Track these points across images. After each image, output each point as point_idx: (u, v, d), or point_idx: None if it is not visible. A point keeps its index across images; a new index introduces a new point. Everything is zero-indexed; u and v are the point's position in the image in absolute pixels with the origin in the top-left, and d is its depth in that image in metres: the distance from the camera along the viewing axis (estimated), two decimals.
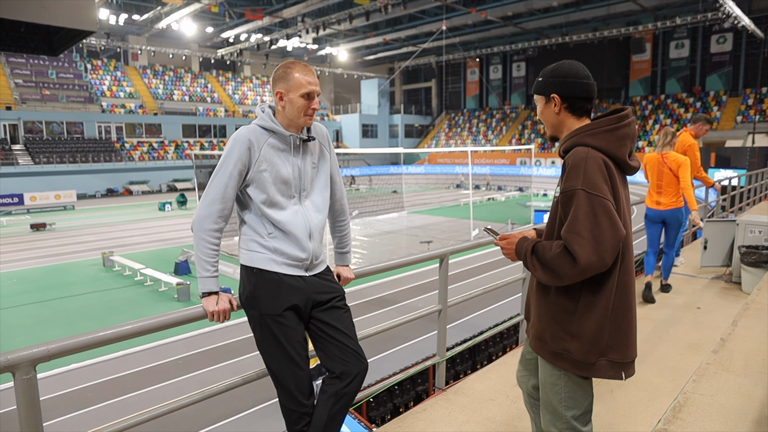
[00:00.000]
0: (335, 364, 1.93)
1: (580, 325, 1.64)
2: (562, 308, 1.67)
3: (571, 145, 1.67)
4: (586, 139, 1.64)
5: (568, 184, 1.58)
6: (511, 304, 10.03)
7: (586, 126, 1.67)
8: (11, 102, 32.68)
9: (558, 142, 1.78)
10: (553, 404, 1.74)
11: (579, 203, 1.55)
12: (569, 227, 1.55)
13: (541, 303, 1.75)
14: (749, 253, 4.85)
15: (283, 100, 1.89)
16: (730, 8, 25.47)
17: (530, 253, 1.68)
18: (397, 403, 6.82)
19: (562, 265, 1.56)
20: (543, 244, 1.65)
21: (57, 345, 1.56)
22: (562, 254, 1.56)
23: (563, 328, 1.67)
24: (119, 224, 21.97)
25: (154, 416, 1.83)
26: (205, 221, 1.85)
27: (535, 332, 1.79)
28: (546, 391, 1.77)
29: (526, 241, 1.72)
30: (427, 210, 25.71)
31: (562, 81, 1.68)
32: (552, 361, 1.71)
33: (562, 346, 1.67)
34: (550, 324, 1.71)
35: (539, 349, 1.76)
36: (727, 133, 32.21)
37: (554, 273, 1.60)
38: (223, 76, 47.00)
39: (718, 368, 2.23)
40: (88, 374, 7.63)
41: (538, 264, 1.64)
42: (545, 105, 1.74)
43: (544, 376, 1.77)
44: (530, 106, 46.07)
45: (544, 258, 1.62)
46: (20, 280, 13.16)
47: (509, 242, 1.79)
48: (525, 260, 1.71)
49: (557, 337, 1.69)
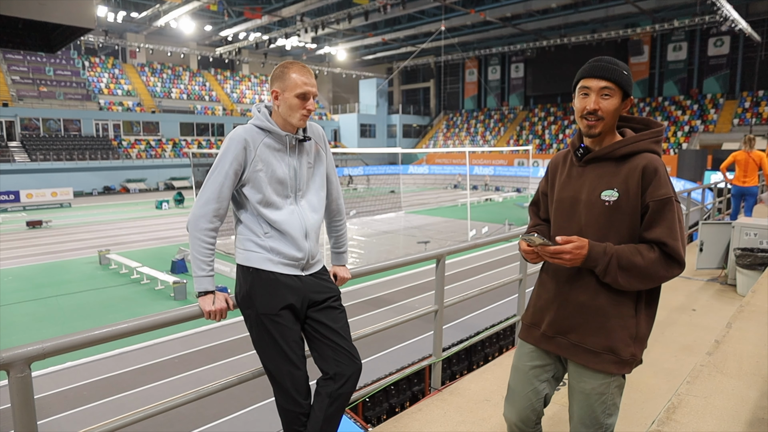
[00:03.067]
0: (329, 365, 1.93)
1: (641, 327, 1.67)
2: (628, 314, 1.65)
3: (637, 150, 1.63)
4: (653, 146, 1.64)
5: (662, 192, 1.57)
6: (508, 304, 10.04)
7: (649, 133, 1.65)
8: (8, 99, 32.54)
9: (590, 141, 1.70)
10: (596, 415, 1.69)
11: (673, 211, 1.58)
12: (671, 234, 1.56)
13: (609, 315, 1.65)
14: (744, 255, 4.88)
15: (278, 99, 1.89)
16: (727, 11, 25.56)
17: (616, 258, 1.58)
18: (393, 403, 6.82)
19: (661, 270, 1.57)
20: (624, 249, 1.59)
21: (52, 343, 1.55)
22: (663, 259, 1.57)
23: (629, 333, 1.65)
24: (116, 222, 21.91)
25: (150, 415, 1.83)
26: (200, 220, 1.85)
27: (592, 346, 1.67)
28: (590, 404, 1.69)
29: (601, 246, 1.60)
30: (424, 210, 25.72)
31: (633, 84, 1.67)
32: (617, 370, 1.64)
33: (629, 352, 1.64)
34: (618, 332, 1.64)
35: (597, 362, 1.66)
36: (723, 136, 32.31)
37: (649, 278, 1.58)
38: (221, 75, 46.92)
39: (713, 370, 2.24)
40: (84, 372, 7.61)
41: (622, 270, 1.58)
42: (621, 102, 1.63)
43: (592, 388, 1.68)
44: (528, 107, 46.14)
45: (635, 263, 1.56)
46: (16, 277, 13.11)
47: (578, 246, 1.59)
48: (606, 266, 1.59)
49: (625, 343, 1.64)
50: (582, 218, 1.68)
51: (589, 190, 1.67)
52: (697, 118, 34.95)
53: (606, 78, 1.60)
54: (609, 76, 1.60)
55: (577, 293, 1.69)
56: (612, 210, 1.62)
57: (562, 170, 1.79)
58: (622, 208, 1.61)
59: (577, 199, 1.70)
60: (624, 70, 1.62)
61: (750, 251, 4.90)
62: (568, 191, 1.74)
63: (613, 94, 1.61)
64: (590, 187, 1.67)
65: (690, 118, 35.36)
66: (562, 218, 1.75)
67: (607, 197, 1.62)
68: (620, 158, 1.64)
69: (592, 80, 1.61)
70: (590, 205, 1.66)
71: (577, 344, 1.69)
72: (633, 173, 1.60)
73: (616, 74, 1.60)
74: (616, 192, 1.61)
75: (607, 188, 1.63)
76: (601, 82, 1.60)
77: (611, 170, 1.64)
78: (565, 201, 1.74)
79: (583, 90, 1.64)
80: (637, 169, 1.60)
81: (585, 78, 1.64)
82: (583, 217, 1.68)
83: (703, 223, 5.88)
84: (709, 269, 5.83)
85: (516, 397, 1.82)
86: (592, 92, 1.61)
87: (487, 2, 31.31)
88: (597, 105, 1.60)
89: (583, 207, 1.68)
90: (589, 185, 1.68)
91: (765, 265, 4.68)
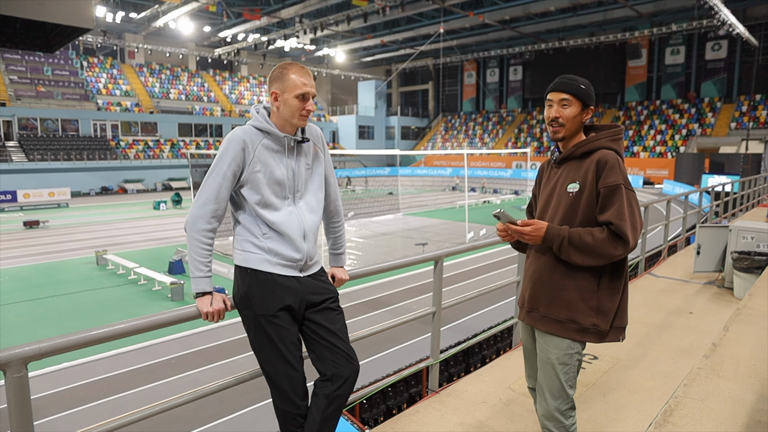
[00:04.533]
0: (326, 366, 1.93)
1: (603, 300, 1.90)
2: (588, 288, 1.89)
3: (594, 148, 1.92)
4: (610, 143, 1.92)
5: (611, 180, 1.83)
6: (505, 307, 10.05)
7: (606, 133, 1.94)
8: (6, 98, 32.46)
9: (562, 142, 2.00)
10: (561, 384, 1.93)
11: (621, 196, 1.81)
12: (618, 215, 1.79)
13: (565, 287, 1.92)
14: (742, 258, 4.89)
15: (277, 100, 1.89)
16: (725, 16, 25.66)
17: (567, 238, 1.85)
18: (390, 404, 6.80)
19: (609, 248, 1.80)
20: (578, 230, 1.85)
21: (49, 343, 1.55)
22: (610, 238, 1.80)
23: (589, 305, 1.89)
24: (113, 222, 21.86)
25: (147, 416, 1.83)
26: (198, 221, 1.85)
27: (556, 315, 1.93)
28: (556, 372, 1.93)
29: (557, 228, 1.89)
30: (422, 212, 25.73)
31: (593, 96, 1.96)
32: (579, 338, 1.91)
33: (590, 321, 1.89)
34: (578, 304, 1.90)
35: (561, 330, 1.92)
36: (720, 140, 32.43)
37: (598, 255, 1.81)
38: (219, 76, 46.89)
39: (710, 373, 2.24)
40: (80, 373, 7.58)
41: (574, 249, 1.84)
42: (580, 111, 1.95)
43: (558, 357, 1.93)
44: (526, 109, 46.22)
45: (585, 242, 1.82)
46: (12, 277, 13.07)
47: (536, 228, 1.91)
48: (560, 245, 1.87)
49: (585, 314, 1.89)
50: (554, 208, 1.99)
51: (560, 185, 1.98)
52: (695, 122, 35.05)
53: (564, 91, 1.93)
54: (567, 89, 1.93)
55: (542, 271, 1.99)
56: (575, 199, 1.91)
57: (546, 173, 2.13)
58: (582, 197, 1.89)
59: (551, 194, 2.02)
60: (582, 85, 1.94)
61: (747, 254, 4.91)
62: (547, 189, 2.07)
63: (570, 104, 1.93)
64: (561, 183, 1.98)
65: (687, 121, 35.46)
66: (541, 211, 2.07)
67: (572, 189, 1.92)
68: (582, 156, 1.94)
69: (554, 93, 1.95)
70: (560, 197, 1.96)
71: (545, 315, 1.97)
72: (590, 167, 1.89)
73: (573, 88, 1.93)
74: (577, 184, 1.91)
75: (572, 182, 1.93)
76: (561, 94, 1.94)
77: (576, 167, 1.94)
78: (544, 197, 2.08)
79: (548, 102, 1.98)
80: (593, 163, 1.88)
81: (549, 92, 1.98)
82: (555, 206, 1.98)
83: (701, 226, 5.90)
84: (707, 272, 5.84)
85: (528, 370, 2.20)
86: (554, 103, 1.95)
87: (486, 5, 31.39)
88: (558, 113, 1.94)
89: (555, 199, 1.99)
90: (561, 181, 1.99)
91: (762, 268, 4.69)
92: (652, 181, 32.77)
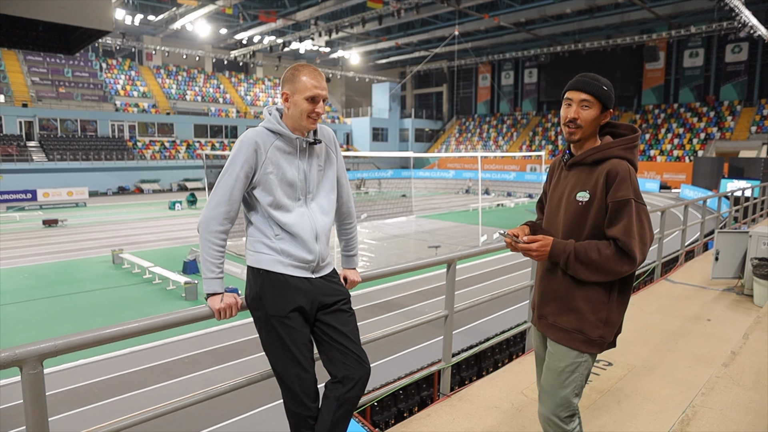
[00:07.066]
0: (337, 368, 1.92)
1: (612, 313, 1.87)
2: (599, 299, 1.85)
3: (606, 156, 1.83)
4: (623, 152, 1.83)
5: (621, 194, 1.76)
6: (519, 311, 9.96)
7: (620, 141, 1.85)
8: (27, 99, 33.15)
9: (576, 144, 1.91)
10: (565, 393, 1.90)
11: (631, 211, 1.75)
12: (626, 232, 1.74)
13: (575, 297, 1.88)
14: (762, 265, 4.79)
15: (288, 101, 1.90)
16: (746, 18, 25.21)
17: (573, 254, 1.81)
18: (401, 407, 6.77)
19: (616, 265, 1.76)
20: (584, 246, 1.81)
21: (64, 341, 1.57)
22: (617, 255, 1.75)
23: (599, 317, 1.86)
24: (129, 222, 22.16)
25: (159, 414, 1.84)
26: (211, 223, 1.86)
27: (564, 325, 1.91)
28: (561, 380, 1.90)
29: (563, 243, 1.84)
30: (435, 215, 25.66)
31: (614, 99, 1.87)
32: (585, 349, 1.88)
33: (598, 333, 1.87)
34: (587, 315, 1.87)
35: (568, 340, 1.89)
36: (740, 144, 31.84)
37: (605, 272, 1.78)
38: (235, 78, 47.35)
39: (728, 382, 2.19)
40: (95, 370, 7.69)
41: (581, 264, 1.80)
42: (599, 114, 1.85)
43: (564, 365, 1.90)
44: (541, 112, 45.88)
45: (591, 258, 1.78)
46: (31, 275, 13.31)
47: (543, 244, 1.86)
48: (566, 261, 1.82)
49: (594, 325, 1.87)
50: (562, 215, 1.93)
51: (569, 191, 1.91)
52: (714, 126, 34.47)
53: (586, 91, 1.82)
54: (589, 89, 1.82)
55: (552, 281, 1.95)
56: (584, 209, 1.85)
57: (557, 172, 2.05)
58: (591, 207, 1.83)
59: (561, 199, 1.95)
60: (604, 86, 1.83)
61: (767, 261, 4.81)
62: (557, 191, 1.99)
63: (591, 105, 1.83)
64: (570, 189, 1.91)
65: (706, 125, 34.89)
66: (550, 214, 2.02)
67: (581, 198, 1.86)
68: (593, 163, 1.86)
69: (574, 92, 1.85)
70: (568, 204, 1.90)
71: (553, 324, 1.95)
72: (600, 177, 1.82)
73: (595, 89, 1.82)
74: (587, 193, 1.84)
75: (582, 190, 1.86)
76: (582, 94, 1.83)
77: (587, 174, 1.87)
78: (553, 199, 2.01)
79: (566, 101, 1.87)
80: (603, 173, 1.81)
81: (569, 90, 1.87)
82: (563, 214, 1.92)
83: (719, 231, 5.79)
84: (725, 279, 5.73)
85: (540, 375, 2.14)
86: (574, 103, 1.85)
87: (502, 7, 31.24)
88: (577, 114, 1.84)
89: (564, 205, 1.92)
90: (570, 187, 1.92)
91: None
92: (669, 186, 32.30)
